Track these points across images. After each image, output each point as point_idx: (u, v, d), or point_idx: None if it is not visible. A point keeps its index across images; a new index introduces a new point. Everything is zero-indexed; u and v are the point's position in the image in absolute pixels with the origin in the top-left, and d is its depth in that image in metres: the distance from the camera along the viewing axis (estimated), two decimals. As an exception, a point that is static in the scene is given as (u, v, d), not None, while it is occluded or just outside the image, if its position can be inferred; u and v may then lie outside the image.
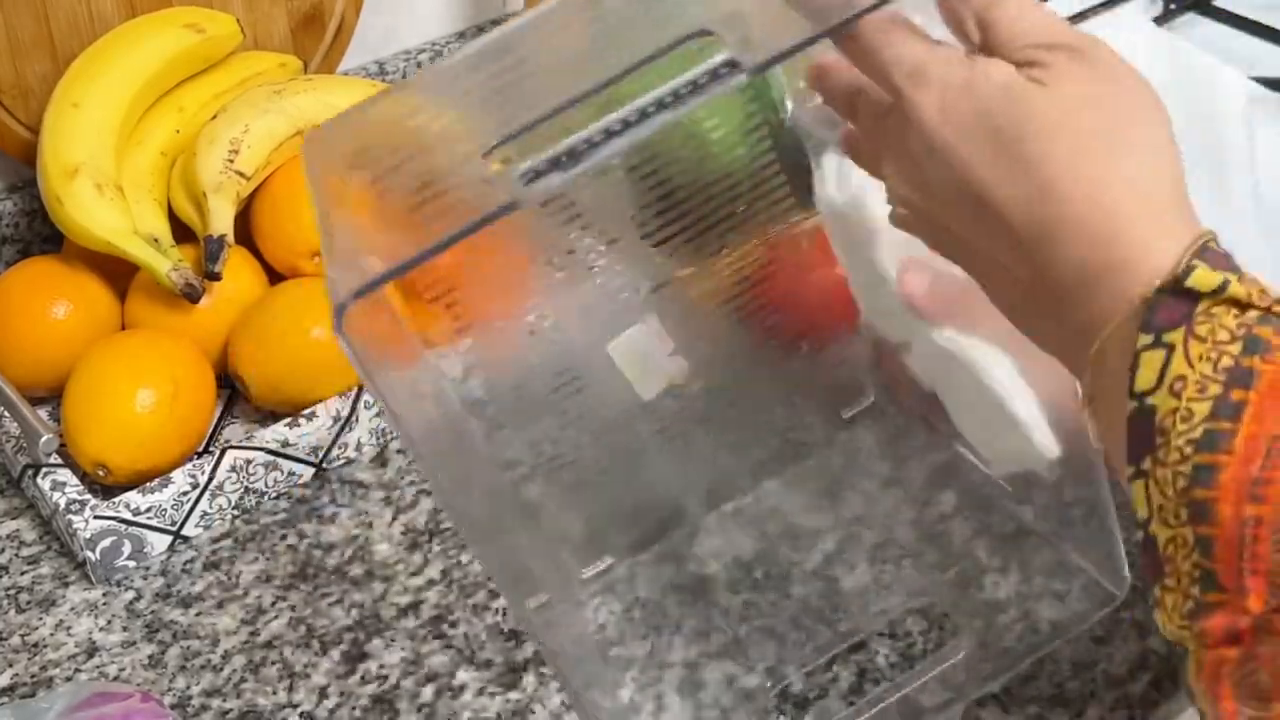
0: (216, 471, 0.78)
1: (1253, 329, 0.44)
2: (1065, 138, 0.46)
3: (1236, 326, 0.44)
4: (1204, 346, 0.44)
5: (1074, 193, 0.46)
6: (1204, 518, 0.43)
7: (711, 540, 0.77)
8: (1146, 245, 0.46)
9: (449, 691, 0.70)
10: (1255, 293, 0.45)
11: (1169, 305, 0.44)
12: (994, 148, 0.47)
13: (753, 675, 0.70)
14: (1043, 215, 0.46)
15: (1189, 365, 0.44)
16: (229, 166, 0.87)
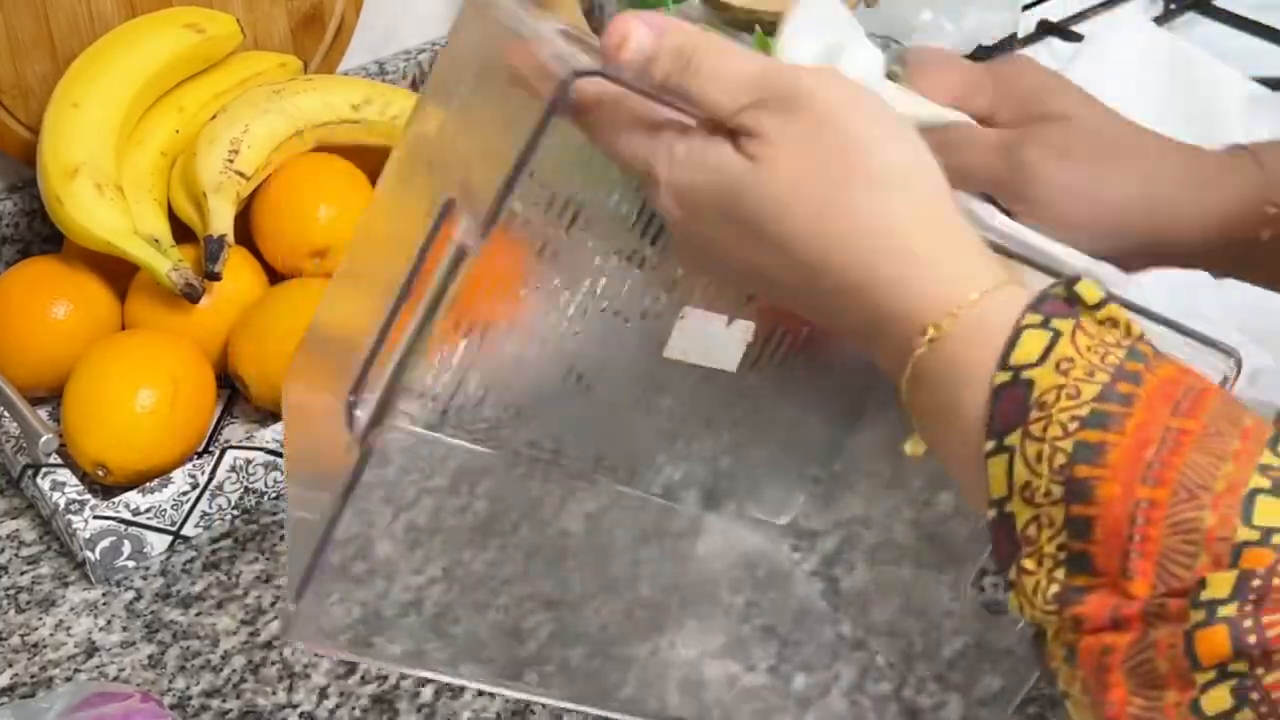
0: (216, 471, 0.78)
1: (1135, 344, 0.44)
2: (797, 212, 0.46)
3: (1121, 337, 0.44)
4: (1091, 340, 0.43)
5: (831, 261, 0.46)
6: (1083, 496, 0.41)
7: (711, 540, 0.77)
8: (938, 267, 0.46)
9: (449, 691, 0.70)
10: (1132, 324, 0.45)
11: (1057, 302, 0.44)
12: (740, 235, 0.48)
13: (753, 675, 0.70)
14: (817, 288, 0.47)
15: (1076, 351, 0.43)
16: (229, 166, 0.87)
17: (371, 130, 0.93)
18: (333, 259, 0.89)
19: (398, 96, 0.94)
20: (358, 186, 0.91)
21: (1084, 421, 0.42)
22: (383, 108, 0.93)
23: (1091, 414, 0.42)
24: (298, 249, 0.88)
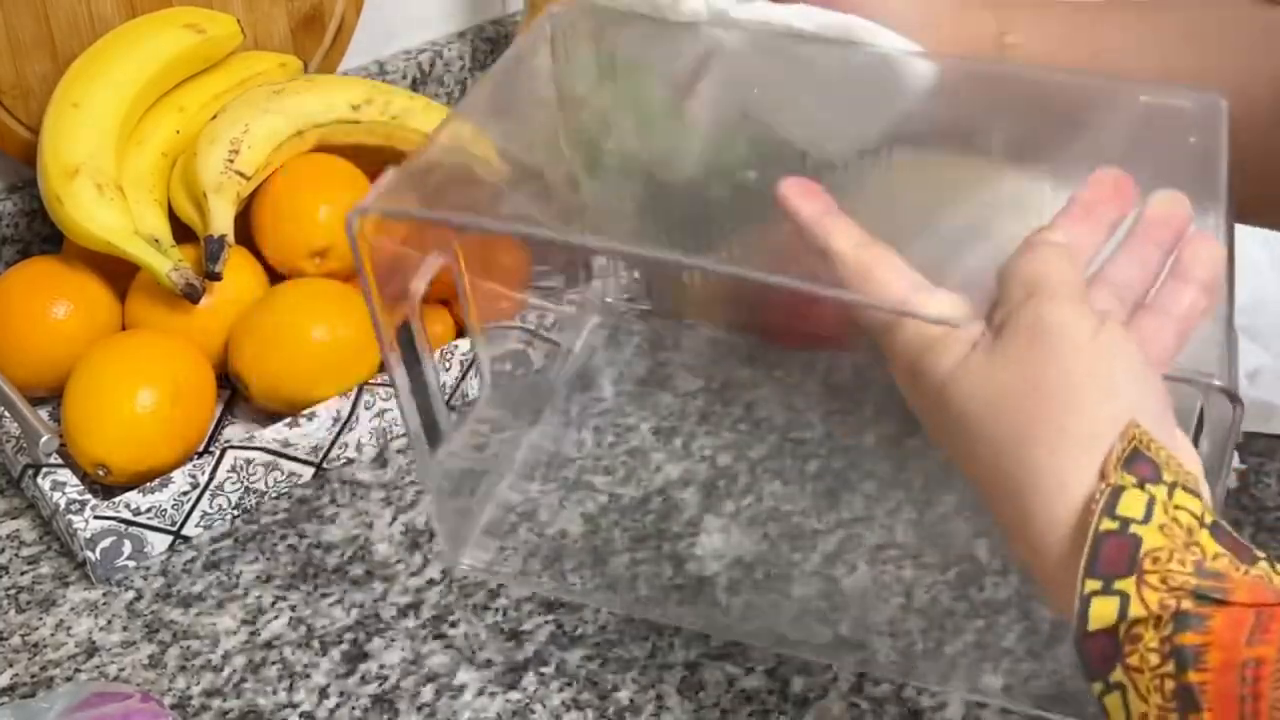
0: (216, 471, 0.79)
1: (1173, 639, 0.43)
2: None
3: (1160, 643, 0.43)
4: (1145, 678, 0.43)
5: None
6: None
7: (711, 540, 0.77)
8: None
9: (449, 691, 0.70)
10: (1155, 597, 0.43)
11: (1094, 645, 0.44)
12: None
13: (753, 676, 0.70)
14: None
15: (1143, 701, 0.43)
16: (229, 166, 0.87)
17: (372, 130, 0.93)
18: (333, 259, 0.89)
19: (398, 96, 0.94)
20: (358, 186, 0.91)
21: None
22: (383, 108, 0.93)
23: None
24: (298, 249, 0.88)
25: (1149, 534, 0.43)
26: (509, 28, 1.16)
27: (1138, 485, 0.44)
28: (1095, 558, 0.44)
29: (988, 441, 0.47)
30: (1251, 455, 0.82)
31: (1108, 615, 0.43)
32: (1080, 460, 0.45)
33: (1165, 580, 0.43)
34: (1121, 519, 0.44)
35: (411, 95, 0.95)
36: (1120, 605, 0.43)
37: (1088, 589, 0.44)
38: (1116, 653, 0.43)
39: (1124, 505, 0.44)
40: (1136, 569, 0.43)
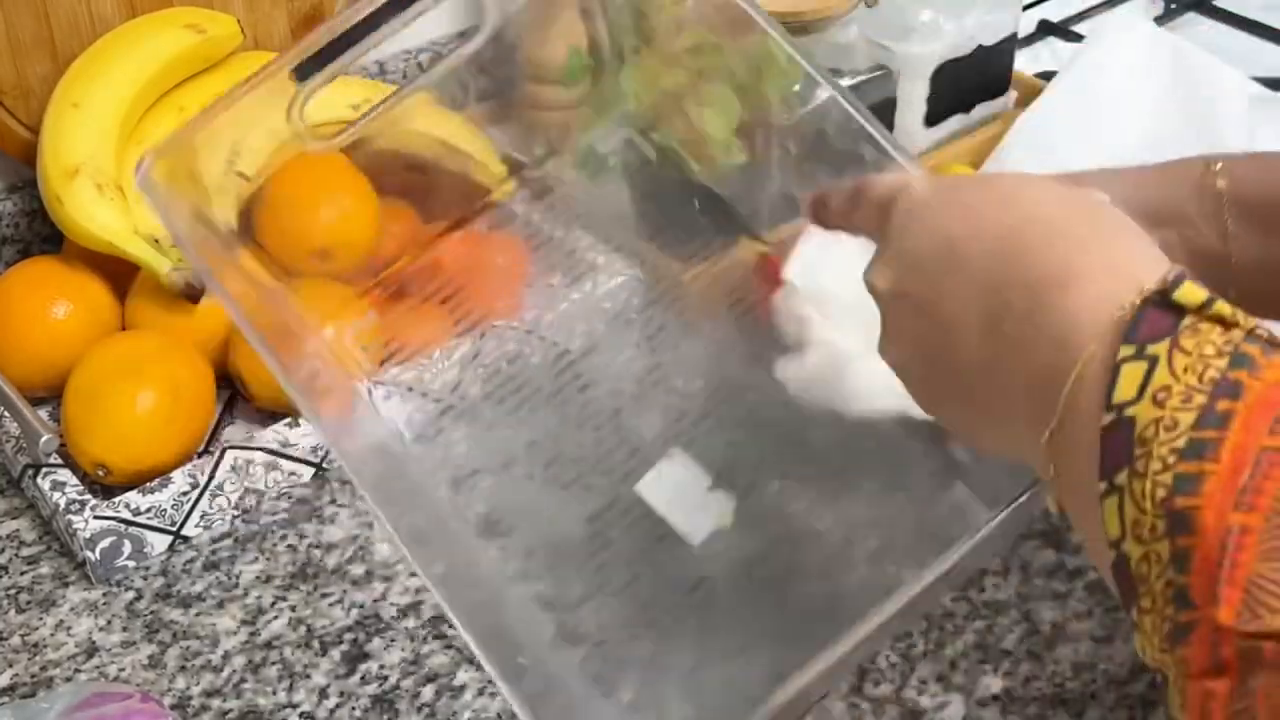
0: (216, 471, 0.78)
1: (1239, 346, 0.43)
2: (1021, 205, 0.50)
3: (1223, 343, 0.43)
4: (1189, 359, 0.42)
5: (1033, 231, 0.49)
6: (1184, 528, 0.41)
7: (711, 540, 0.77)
8: (1116, 263, 0.46)
9: (449, 691, 0.70)
10: (1240, 314, 0.44)
11: (1154, 318, 0.44)
12: (963, 214, 0.52)
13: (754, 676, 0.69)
14: (1006, 249, 0.49)
15: (1173, 376, 0.42)
16: (229, 167, 0.87)
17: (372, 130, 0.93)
18: (333, 259, 0.89)
19: (398, 97, 0.94)
20: (358, 186, 0.91)
21: (1182, 453, 0.41)
22: (383, 108, 0.93)
23: (1189, 444, 0.41)
24: (298, 249, 0.88)
25: (1141, 411, 0.43)
26: (509, 28, 1.16)
27: (1137, 353, 0.44)
28: (1104, 459, 0.43)
29: (979, 258, 0.49)
30: (1252, 455, 0.82)
31: (1196, 295, 0.44)
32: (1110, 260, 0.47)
33: (1154, 458, 0.42)
34: (1117, 405, 0.43)
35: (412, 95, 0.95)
36: (1118, 504, 0.43)
37: (1100, 489, 0.43)
38: (1174, 329, 0.43)
39: (1120, 388, 0.43)
40: (1129, 458, 0.43)
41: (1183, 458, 0.41)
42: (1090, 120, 1.07)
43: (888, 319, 0.54)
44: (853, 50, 1.00)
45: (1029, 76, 1.15)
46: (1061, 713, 0.68)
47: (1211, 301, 0.44)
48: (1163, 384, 0.42)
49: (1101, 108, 1.07)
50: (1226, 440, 0.41)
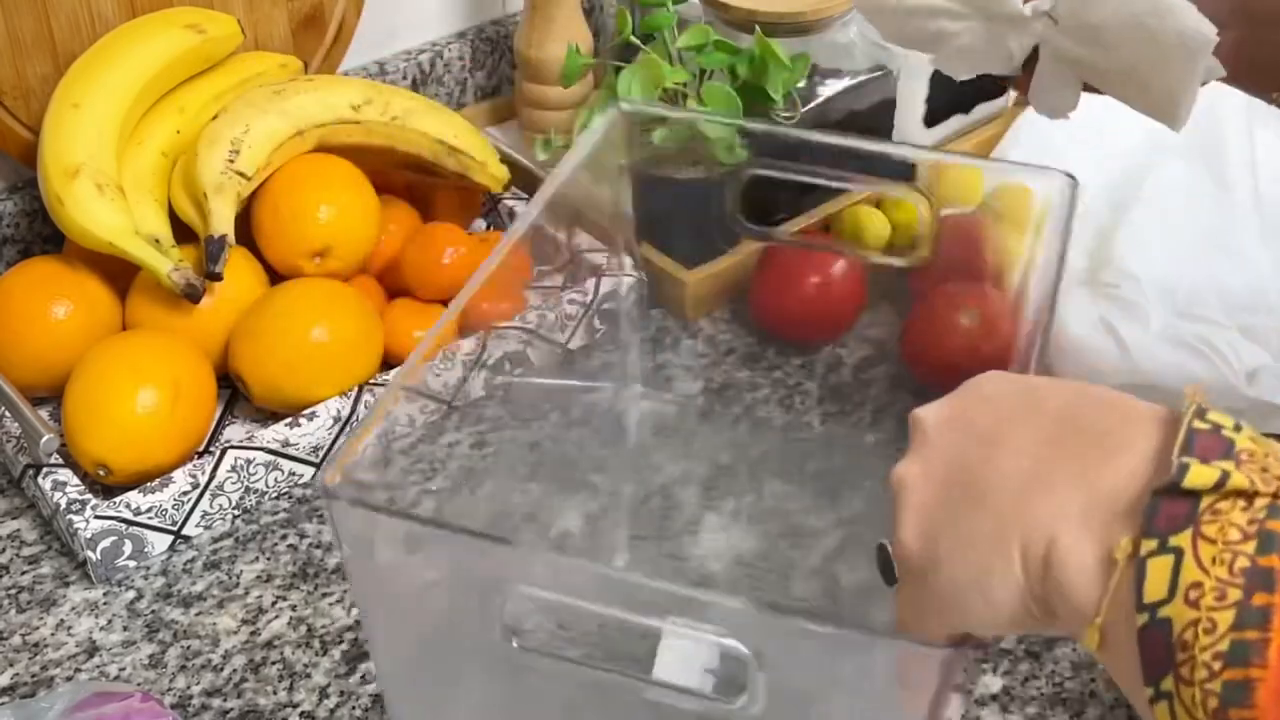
0: (217, 471, 0.79)
1: (1264, 524, 0.40)
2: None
3: (1247, 522, 0.40)
4: (1215, 549, 0.40)
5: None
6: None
7: (712, 540, 0.77)
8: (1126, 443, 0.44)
9: (449, 691, 0.70)
10: (1257, 477, 0.41)
11: (1169, 507, 0.41)
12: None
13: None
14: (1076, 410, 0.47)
15: (1202, 570, 0.40)
16: (230, 167, 0.87)
17: (371, 131, 0.93)
18: (333, 259, 0.89)
19: (398, 97, 0.94)
20: (358, 186, 0.91)
21: (1226, 659, 0.40)
22: (383, 108, 0.93)
23: (1232, 648, 0.40)
24: (298, 249, 0.88)
25: (1241, 439, 0.42)
26: (509, 28, 1.16)
27: (1160, 547, 0.42)
28: (1190, 446, 0.42)
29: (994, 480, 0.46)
30: (1251, 455, 0.82)
31: (1207, 476, 0.41)
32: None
33: (1266, 467, 0.41)
34: (1213, 423, 0.42)
35: (412, 96, 0.95)
36: (1169, 709, 0.41)
37: (1147, 695, 0.41)
38: (1193, 515, 0.41)
39: (1149, 588, 0.41)
40: (1172, 664, 0.41)
41: (1228, 664, 0.39)
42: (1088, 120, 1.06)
43: (926, 448, 0.50)
44: (853, 50, 1.00)
45: (1028, 77, 1.15)
46: (1060, 712, 0.69)
47: (1226, 478, 0.41)
48: (1192, 580, 0.40)
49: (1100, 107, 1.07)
50: (1271, 640, 0.39)
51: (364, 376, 0.85)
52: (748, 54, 0.93)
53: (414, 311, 0.91)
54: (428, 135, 0.94)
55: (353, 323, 0.85)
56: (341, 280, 0.89)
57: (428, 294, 0.91)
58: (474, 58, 1.14)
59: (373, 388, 0.84)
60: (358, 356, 0.85)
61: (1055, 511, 0.44)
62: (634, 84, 0.93)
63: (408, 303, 0.91)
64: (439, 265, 0.89)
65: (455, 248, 0.89)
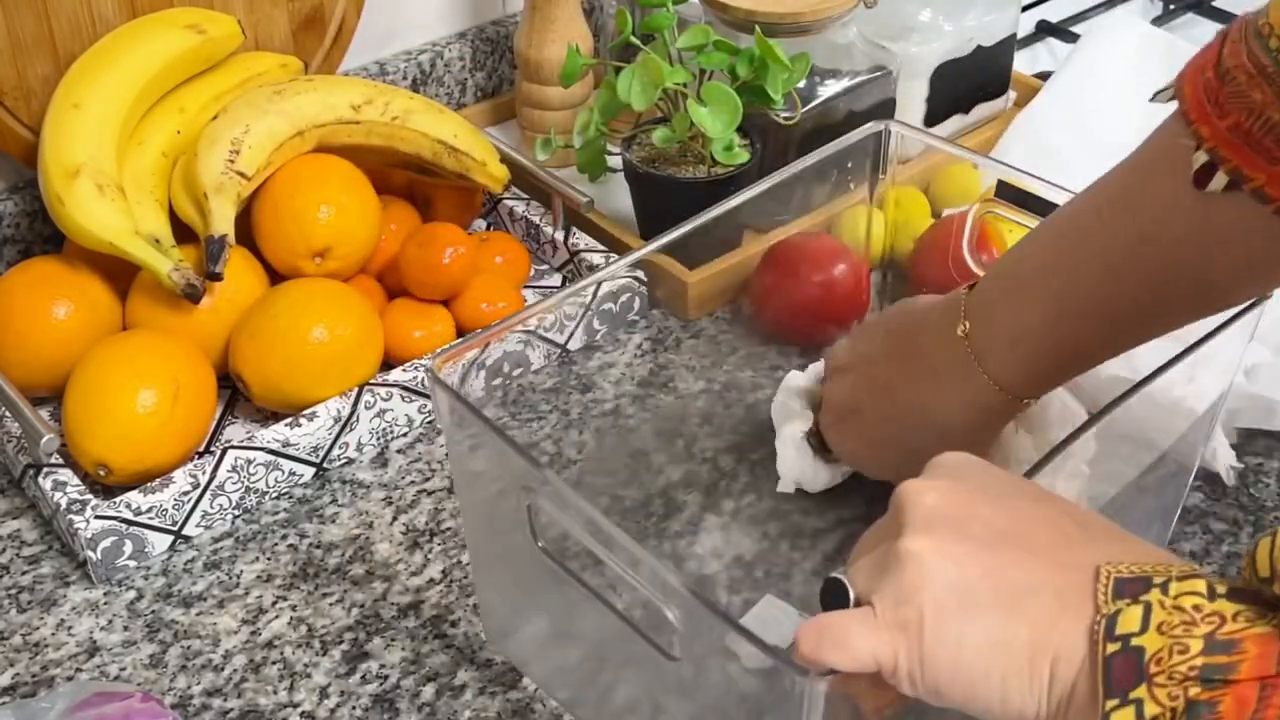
0: (217, 471, 0.79)
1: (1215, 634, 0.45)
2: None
3: (1187, 669, 0.45)
4: (1172, 616, 0.45)
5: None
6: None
7: (712, 540, 0.77)
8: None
9: (449, 691, 0.70)
10: (1164, 696, 0.45)
11: (1120, 663, 0.45)
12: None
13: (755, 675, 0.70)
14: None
15: (1167, 613, 0.46)
16: (230, 167, 0.87)
17: (372, 131, 0.93)
18: (333, 259, 0.89)
19: (398, 97, 0.94)
20: (358, 186, 0.91)
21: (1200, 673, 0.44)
22: (383, 108, 0.93)
23: (1204, 667, 0.44)
24: (298, 249, 0.89)
25: (1149, 640, 0.45)
26: (509, 28, 1.16)
27: (1132, 600, 0.46)
28: (1109, 680, 0.45)
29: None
30: (1250, 455, 0.82)
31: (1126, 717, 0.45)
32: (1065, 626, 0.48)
33: (1171, 675, 0.44)
34: (1121, 637, 0.46)
35: (412, 96, 0.95)
36: (1136, 711, 0.44)
37: (1107, 707, 0.45)
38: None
39: (1121, 624, 0.46)
40: (1144, 677, 0.45)
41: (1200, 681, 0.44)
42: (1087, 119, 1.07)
43: (914, 507, 0.52)
44: (852, 50, 1.00)
45: (1028, 77, 1.15)
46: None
47: (1141, 708, 0.45)
48: (1163, 620, 0.46)
49: (1098, 106, 1.07)
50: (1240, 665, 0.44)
51: (364, 376, 0.85)
52: (748, 54, 0.93)
53: (414, 311, 0.91)
54: (428, 135, 0.94)
55: (353, 323, 0.85)
56: (341, 280, 0.89)
57: (428, 294, 0.91)
58: (474, 58, 1.14)
59: (373, 388, 0.84)
60: (358, 356, 0.85)
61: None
62: (634, 84, 0.93)
63: (408, 303, 0.91)
64: (439, 265, 0.89)
65: (455, 248, 0.89)
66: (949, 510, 0.50)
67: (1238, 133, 0.56)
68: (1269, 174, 0.56)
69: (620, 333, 0.92)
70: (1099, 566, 0.48)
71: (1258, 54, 0.55)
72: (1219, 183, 0.57)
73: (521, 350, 0.86)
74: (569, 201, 0.97)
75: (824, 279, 0.87)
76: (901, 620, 0.48)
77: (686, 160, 0.96)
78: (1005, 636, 0.47)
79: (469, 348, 0.67)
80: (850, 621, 0.49)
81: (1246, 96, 0.56)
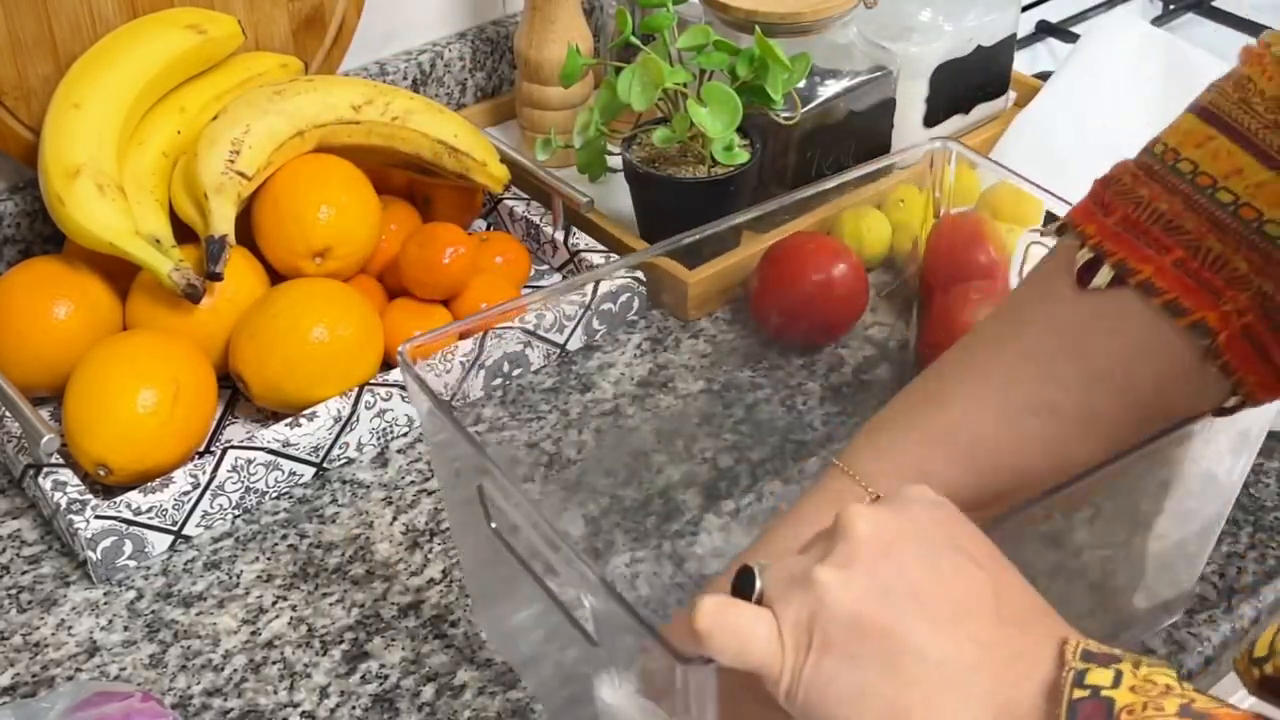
0: (217, 471, 0.79)
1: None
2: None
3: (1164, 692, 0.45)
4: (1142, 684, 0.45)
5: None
6: None
7: (712, 540, 0.77)
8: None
9: (449, 691, 0.70)
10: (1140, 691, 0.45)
11: (1088, 708, 0.45)
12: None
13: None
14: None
15: (1139, 681, 0.45)
16: (230, 167, 0.87)
17: (372, 131, 0.93)
18: (333, 259, 0.89)
19: (398, 97, 0.94)
20: (358, 187, 0.91)
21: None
22: (383, 108, 0.93)
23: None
24: (298, 249, 0.89)
25: (1120, 695, 0.45)
26: (509, 28, 1.16)
27: (1101, 665, 0.46)
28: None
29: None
30: (1251, 455, 0.82)
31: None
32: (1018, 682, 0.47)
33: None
34: (1091, 686, 0.45)
35: (412, 96, 0.95)
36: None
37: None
38: None
39: (1091, 677, 0.45)
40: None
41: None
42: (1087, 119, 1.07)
43: (857, 567, 0.50)
44: (852, 50, 1.00)
45: (1028, 77, 1.15)
46: (1061, 712, 0.68)
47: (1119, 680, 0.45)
48: (1133, 684, 0.45)
49: (1098, 106, 1.07)
50: None
51: (364, 376, 0.85)
52: (748, 54, 0.93)
53: (414, 311, 0.91)
54: (428, 135, 0.94)
55: (353, 323, 0.85)
56: (341, 280, 0.89)
57: (428, 294, 0.91)
58: (474, 58, 1.14)
59: (373, 388, 0.84)
60: (358, 356, 0.85)
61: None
62: (634, 84, 0.93)
63: (408, 303, 0.91)
64: (439, 265, 0.89)
65: (455, 247, 0.89)
66: (875, 548, 0.49)
67: (1125, 224, 0.57)
68: (1157, 265, 0.56)
69: (620, 333, 0.92)
70: (1066, 637, 0.47)
71: (1144, 158, 0.57)
72: (1103, 278, 0.57)
73: (521, 350, 0.86)
74: (569, 201, 0.97)
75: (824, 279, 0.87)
76: (795, 640, 0.48)
77: (686, 160, 0.96)
78: (875, 690, 0.47)
79: (445, 337, 0.68)
80: (756, 623, 0.49)
81: (1133, 193, 0.57)
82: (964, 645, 0.47)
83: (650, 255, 0.74)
